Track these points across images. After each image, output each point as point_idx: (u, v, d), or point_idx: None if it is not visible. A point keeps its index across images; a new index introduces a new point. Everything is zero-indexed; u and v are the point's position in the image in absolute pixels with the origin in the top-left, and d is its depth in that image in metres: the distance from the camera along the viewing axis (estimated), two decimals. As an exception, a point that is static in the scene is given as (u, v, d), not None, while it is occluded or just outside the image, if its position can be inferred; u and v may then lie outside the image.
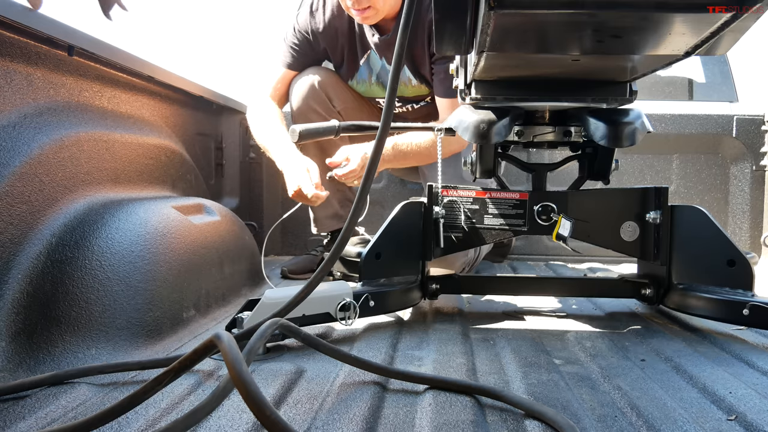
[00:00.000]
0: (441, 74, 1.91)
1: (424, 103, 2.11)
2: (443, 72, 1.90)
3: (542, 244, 2.69)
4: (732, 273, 1.41)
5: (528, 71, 1.27)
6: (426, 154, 1.93)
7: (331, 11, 1.99)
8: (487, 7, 0.83)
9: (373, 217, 2.54)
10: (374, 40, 1.96)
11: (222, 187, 2.57)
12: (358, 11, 1.81)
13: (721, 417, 0.91)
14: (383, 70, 2.03)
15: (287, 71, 2.07)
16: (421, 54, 1.92)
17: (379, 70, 2.04)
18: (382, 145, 1.06)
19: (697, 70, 2.93)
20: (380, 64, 2.03)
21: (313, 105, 2.03)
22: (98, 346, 1.17)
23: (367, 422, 0.87)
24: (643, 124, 1.37)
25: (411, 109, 2.13)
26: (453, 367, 1.13)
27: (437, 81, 1.94)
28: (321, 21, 2.00)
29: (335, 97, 2.07)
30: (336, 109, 2.07)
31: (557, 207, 1.52)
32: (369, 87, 2.10)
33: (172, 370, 0.79)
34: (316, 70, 2.07)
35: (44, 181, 1.28)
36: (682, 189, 2.67)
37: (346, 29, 2.01)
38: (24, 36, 1.30)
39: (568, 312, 1.63)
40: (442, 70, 1.90)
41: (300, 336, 1.03)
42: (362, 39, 2.00)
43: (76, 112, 1.48)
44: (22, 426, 0.86)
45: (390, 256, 1.50)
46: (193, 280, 1.48)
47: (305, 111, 2.02)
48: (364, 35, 1.99)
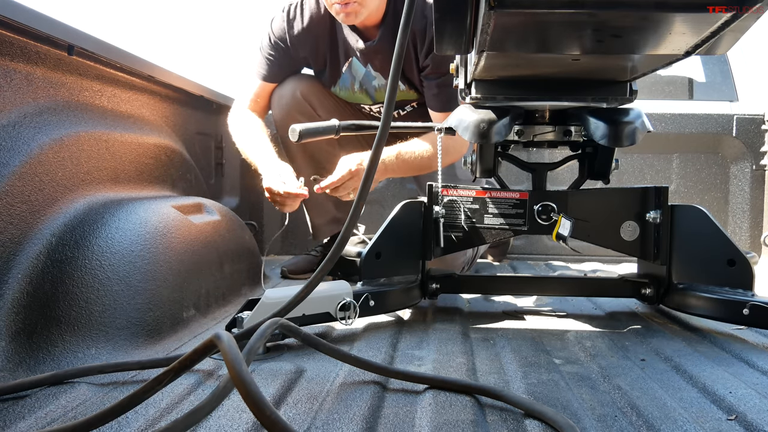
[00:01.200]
0: (433, 89, 1.90)
1: (410, 108, 2.09)
2: (435, 87, 1.89)
3: (542, 243, 2.69)
4: (732, 272, 1.41)
5: (528, 71, 1.27)
6: (427, 165, 1.91)
7: (310, 17, 1.95)
8: (487, 7, 0.83)
9: (373, 217, 2.54)
10: (358, 46, 1.93)
11: (222, 186, 2.57)
12: (341, 4, 1.76)
13: (721, 417, 0.91)
14: (366, 77, 2.01)
15: (264, 83, 2.04)
16: (409, 59, 1.90)
17: (362, 77, 2.01)
18: (382, 145, 1.06)
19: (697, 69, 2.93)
20: (363, 71, 2.00)
21: (297, 115, 2.00)
22: (98, 346, 1.17)
23: (367, 422, 0.87)
24: (643, 123, 1.37)
25: (398, 116, 2.12)
26: (453, 367, 1.13)
27: (430, 95, 1.93)
28: (299, 28, 1.96)
29: (319, 105, 2.05)
30: (320, 117, 2.03)
31: (557, 206, 1.52)
32: (352, 93, 2.07)
33: (172, 370, 0.79)
34: (297, 79, 2.04)
35: (44, 181, 1.28)
36: (682, 188, 2.67)
37: (326, 36, 1.97)
38: (24, 35, 1.30)
39: (568, 312, 1.63)
40: (433, 85, 1.89)
41: (300, 336, 1.03)
42: (345, 46, 1.97)
43: (76, 111, 1.48)
44: (22, 426, 0.86)
45: (390, 256, 1.50)
46: (193, 279, 1.48)
47: (289, 121, 1.97)
48: (347, 42, 1.96)
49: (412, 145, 1.91)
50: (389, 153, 1.88)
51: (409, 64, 1.92)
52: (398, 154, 1.89)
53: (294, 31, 1.97)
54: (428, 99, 1.95)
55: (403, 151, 1.89)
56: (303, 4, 1.97)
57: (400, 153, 1.89)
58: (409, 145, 1.91)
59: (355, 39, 1.93)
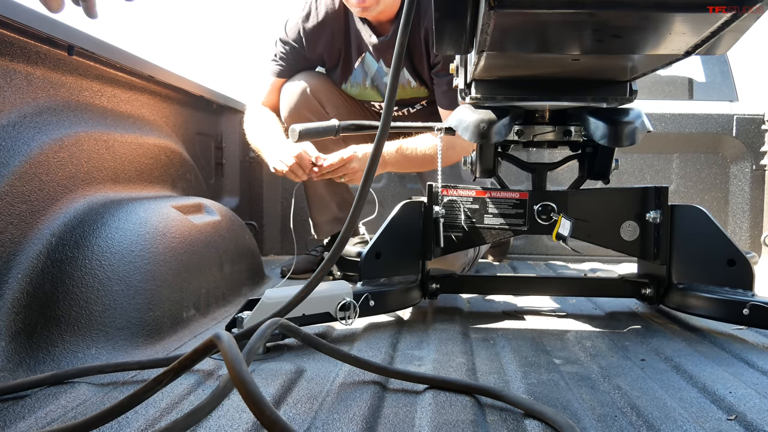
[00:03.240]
0: (443, 86, 1.91)
1: (420, 106, 2.09)
2: (445, 84, 1.89)
3: (542, 243, 2.69)
4: (732, 272, 1.41)
5: (528, 71, 1.27)
6: (429, 161, 1.92)
7: (325, 13, 1.97)
8: (487, 7, 0.83)
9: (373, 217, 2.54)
10: (372, 41, 1.94)
11: (222, 186, 2.57)
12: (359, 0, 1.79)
13: (721, 417, 0.91)
14: (378, 73, 2.01)
15: (277, 80, 2.05)
16: (420, 55, 1.92)
17: (374, 73, 2.02)
18: (382, 143, 1.06)
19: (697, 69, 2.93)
20: (376, 67, 2.01)
21: (305, 112, 2.01)
22: (98, 346, 1.17)
23: (366, 422, 0.87)
24: (643, 123, 1.37)
25: (407, 113, 2.13)
26: (453, 367, 1.13)
27: (440, 93, 1.94)
28: (314, 23, 1.97)
29: (328, 103, 2.05)
30: (329, 115, 2.04)
31: (557, 206, 1.52)
32: (363, 90, 2.07)
33: (172, 370, 0.79)
34: (306, 76, 2.04)
35: (44, 181, 1.28)
36: (682, 188, 2.67)
37: (342, 31, 1.99)
38: (24, 35, 1.30)
39: (568, 312, 1.63)
40: (444, 82, 1.90)
41: (300, 336, 1.03)
42: (358, 41, 1.98)
43: (75, 111, 1.48)
44: (22, 426, 0.86)
45: (390, 256, 1.50)
46: (193, 279, 1.48)
47: (297, 119, 1.98)
48: (360, 37, 1.97)
49: (415, 140, 1.92)
50: (389, 147, 1.88)
51: (420, 60, 1.93)
52: (399, 149, 1.90)
53: (309, 25, 1.98)
54: (438, 96, 1.96)
55: (405, 146, 1.91)
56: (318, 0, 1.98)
57: (401, 147, 1.90)
58: (412, 141, 1.92)
59: (368, 34, 1.94)
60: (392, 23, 1.91)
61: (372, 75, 2.03)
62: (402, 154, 1.90)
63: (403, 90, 2.02)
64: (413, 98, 2.06)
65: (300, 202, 2.72)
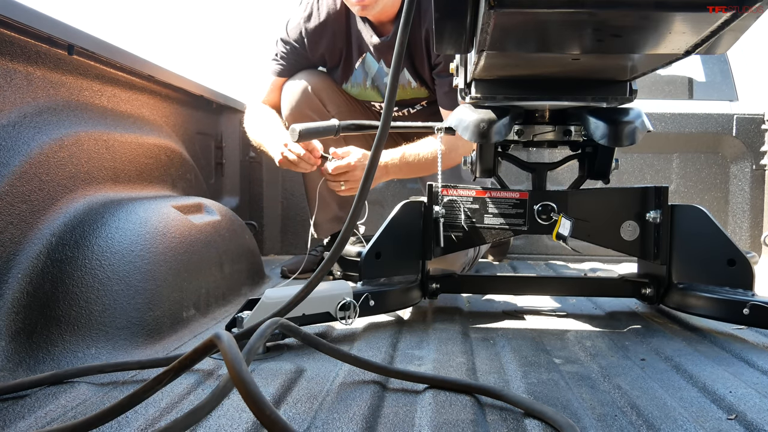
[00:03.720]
0: (445, 87, 1.90)
1: (420, 106, 2.09)
2: (447, 85, 1.89)
3: (542, 243, 2.69)
4: (732, 272, 1.41)
5: (528, 70, 1.27)
6: (432, 167, 1.90)
7: (327, 13, 1.96)
8: (487, 6, 0.83)
9: (373, 217, 2.54)
10: (373, 41, 1.94)
11: (222, 186, 2.57)
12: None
13: (721, 416, 0.91)
14: (379, 74, 2.01)
15: (278, 80, 2.05)
16: (421, 56, 1.91)
17: (374, 73, 2.02)
18: (382, 144, 1.06)
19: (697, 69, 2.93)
20: (376, 67, 2.00)
21: (307, 111, 2.01)
22: (98, 346, 1.17)
23: (366, 421, 0.87)
24: (643, 123, 1.37)
25: (408, 114, 2.13)
26: (453, 367, 1.13)
27: (442, 93, 1.93)
28: (316, 23, 1.97)
29: (329, 102, 2.05)
30: (330, 113, 2.04)
31: (557, 206, 1.52)
32: (363, 90, 2.07)
33: (172, 370, 0.79)
34: (308, 74, 2.04)
35: (44, 181, 1.28)
36: (682, 188, 2.67)
37: (343, 31, 1.99)
38: (24, 35, 1.30)
39: (568, 311, 1.63)
40: (445, 83, 1.90)
41: (300, 335, 1.03)
42: (359, 41, 1.98)
43: (75, 111, 1.48)
44: (22, 425, 0.86)
45: (390, 256, 1.50)
46: (193, 279, 1.48)
47: (299, 117, 1.98)
48: (361, 37, 1.97)
49: (418, 146, 1.92)
50: (393, 155, 1.89)
51: (421, 61, 1.93)
52: (402, 156, 1.89)
53: (311, 26, 1.98)
54: (439, 97, 1.95)
55: (408, 153, 1.90)
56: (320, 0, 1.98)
57: (404, 155, 1.90)
58: (415, 147, 1.91)
59: (369, 34, 1.94)
60: (393, 23, 1.91)
61: (372, 75, 2.03)
62: (405, 162, 1.90)
63: (403, 90, 2.02)
64: (413, 99, 2.06)
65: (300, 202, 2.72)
